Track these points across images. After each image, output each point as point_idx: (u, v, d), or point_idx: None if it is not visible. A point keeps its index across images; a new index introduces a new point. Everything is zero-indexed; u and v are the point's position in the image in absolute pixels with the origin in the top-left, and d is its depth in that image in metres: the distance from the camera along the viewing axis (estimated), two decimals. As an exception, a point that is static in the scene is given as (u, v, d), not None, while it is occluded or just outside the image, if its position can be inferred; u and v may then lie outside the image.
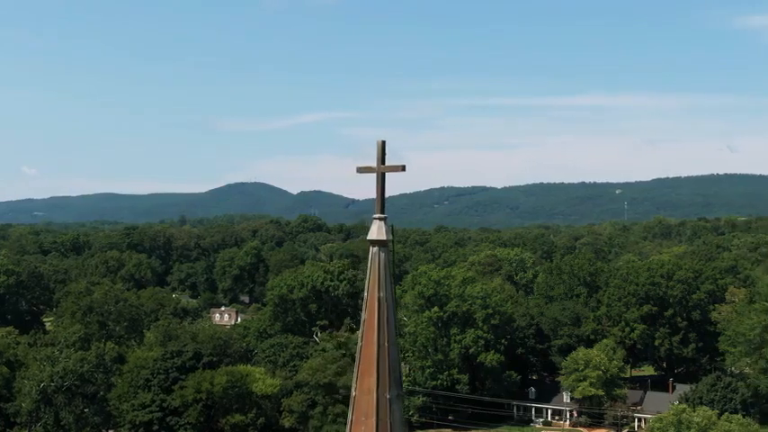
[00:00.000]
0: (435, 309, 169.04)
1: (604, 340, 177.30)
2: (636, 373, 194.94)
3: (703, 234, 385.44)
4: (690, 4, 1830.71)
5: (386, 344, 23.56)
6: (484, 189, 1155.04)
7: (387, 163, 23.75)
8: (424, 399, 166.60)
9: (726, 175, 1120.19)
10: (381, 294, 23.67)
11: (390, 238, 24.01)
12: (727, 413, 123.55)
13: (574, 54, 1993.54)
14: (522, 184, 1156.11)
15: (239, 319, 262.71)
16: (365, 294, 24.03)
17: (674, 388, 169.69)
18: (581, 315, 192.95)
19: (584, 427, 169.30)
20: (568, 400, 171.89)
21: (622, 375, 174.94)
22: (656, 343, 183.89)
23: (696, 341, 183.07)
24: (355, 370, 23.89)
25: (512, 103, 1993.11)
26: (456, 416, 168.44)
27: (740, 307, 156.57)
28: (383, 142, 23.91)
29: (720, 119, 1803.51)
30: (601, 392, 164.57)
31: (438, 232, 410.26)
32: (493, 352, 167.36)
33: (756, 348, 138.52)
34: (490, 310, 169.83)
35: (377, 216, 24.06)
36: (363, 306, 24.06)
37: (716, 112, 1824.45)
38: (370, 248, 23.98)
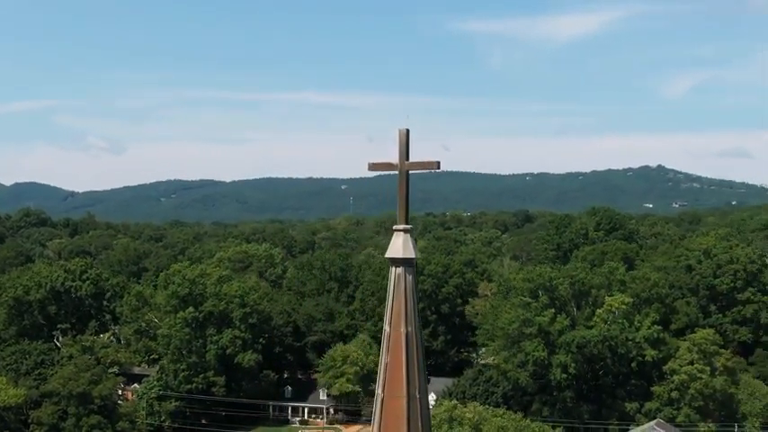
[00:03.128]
0: (190, 309, 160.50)
1: (360, 335, 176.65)
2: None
3: (432, 228, 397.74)
4: (407, 7, 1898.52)
5: (417, 395, 18.07)
6: (212, 183, 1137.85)
7: (412, 159, 18.30)
8: (178, 403, 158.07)
9: (442, 172, 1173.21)
10: (409, 329, 18.18)
11: (417, 255, 18.45)
12: (491, 407, 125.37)
13: (294, 49, 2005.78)
14: (250, 178, 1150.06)
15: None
16: (386, 329, 18.42)
17: (428, 381, 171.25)
18: (334, 310, 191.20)
19: (341, 423, 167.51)
20: (325, 398, 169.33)
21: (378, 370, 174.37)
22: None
23: (445, 334, 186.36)
24: (374, 430, 18.20)
25: (235, 97, 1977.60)
26: (210, 419, 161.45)
27: (495, 301, 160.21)
28: (407, 132, 18.39)
29: (437, 119, 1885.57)
30: (358, 388, 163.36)
31: (174, 227, 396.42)
32: (251, 352, 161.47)
33: (515, 342, 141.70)
34: (248, 309, 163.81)
35: (400, 227, 18.50)
36: (384, 344, 18.43)
37: (432, 113, 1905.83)
38: (393, 269, 18.46)
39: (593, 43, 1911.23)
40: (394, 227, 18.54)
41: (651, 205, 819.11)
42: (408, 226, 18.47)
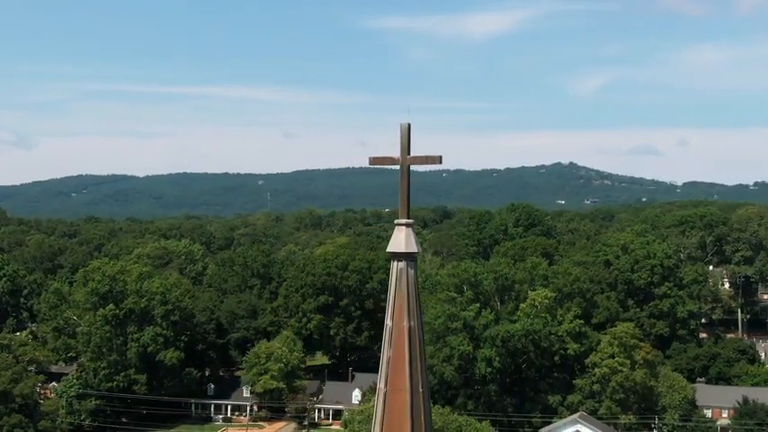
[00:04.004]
0: (111, 306, 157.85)
1: (284, 332, 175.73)
2: (309, 362, 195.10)
3: (353, 224, 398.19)
4: (323, 2, 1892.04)
5: (420, 389, 18.07)
6: (125, 178, 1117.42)
7: (413, 153, 18.22)
8: (98, 402, 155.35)
9: (359, 168, 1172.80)
10: (412, 323, 18.18)
11: (419, 249, 18.42)
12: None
13: (210, 42, 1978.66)
14: (164, 173, 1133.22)
15: None
16: (387, 323, 18.41)
17: (353, 377, 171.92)
18: (257, 307, 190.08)
19: (265, 420, 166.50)
20: (248, 395, 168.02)
21: (302, 366, 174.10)
22: (332, 332, 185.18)
23: (369, 329, 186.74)
24: (378, 424, 18.11)
25: (148, 90, 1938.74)
26: (131, 418, 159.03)
27: (423, 296, 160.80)
28: (408, 126, 18.29)
29: (352, 115, 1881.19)
30: (282, 385, 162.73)
31: (88, 223, 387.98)
32: (173, 349, 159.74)
33: (440, 337, 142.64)
34: (170, 306, 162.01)
35: (402, 222, 18.34)
36: (386, 339, 18.40)
37: (348, 109, 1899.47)
38: (394, 263, 18.30)
39: (507, 42, 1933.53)
40: (396, 221, 18.41)
41: (563, 202, 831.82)
42: (410, 220, 18.33)
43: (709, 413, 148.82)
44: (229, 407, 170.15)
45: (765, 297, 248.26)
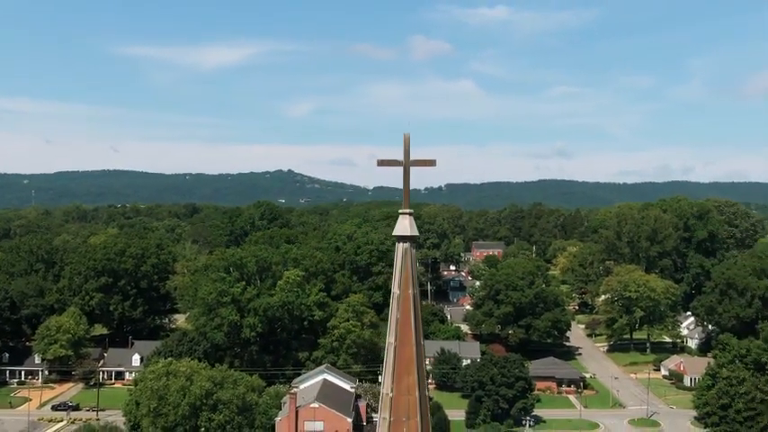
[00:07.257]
0: None
1: (70, 308, 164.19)
2: (93, 332, 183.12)
3: (116, 218, 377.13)
4: (77, 29, 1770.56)
5: (421, 342, 18.29)
6: None
7: (412, 157, 18.29)
8: None
9: (114, 170, 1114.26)
10: (414, 291, 18.36)
11: (417, 233, 18.57)
12: (195, 361, 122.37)
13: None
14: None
15: None
16: (396, 292, 18.39)
17: (132, 344, 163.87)
18: (44, 288, 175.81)
19: (55, 383, 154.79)
20: (40, 362, 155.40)
21: (87, 337, 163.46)
22: (112, 308, 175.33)
23: (143, 305, 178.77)
24: (390, 370, 18.07)
25: None
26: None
27: (195, 277, 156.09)
28: (408, 136, 18.35)
29: (105, 126, 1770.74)
30: (70, 352, 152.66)
31: None
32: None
33: (212, 309, 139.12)
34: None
35: (405, 211, 18.44)
36: (394, 304, 18.36)
37: (102, 121, 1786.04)
38: (400, 245, 18.31)
39: (238, 70, 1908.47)
40: (400, 210, 18.48)
41: (284, 201, 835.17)
42: (411, 210, 18.49)
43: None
44: (23, 372, 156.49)
45: (445, 273, 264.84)
